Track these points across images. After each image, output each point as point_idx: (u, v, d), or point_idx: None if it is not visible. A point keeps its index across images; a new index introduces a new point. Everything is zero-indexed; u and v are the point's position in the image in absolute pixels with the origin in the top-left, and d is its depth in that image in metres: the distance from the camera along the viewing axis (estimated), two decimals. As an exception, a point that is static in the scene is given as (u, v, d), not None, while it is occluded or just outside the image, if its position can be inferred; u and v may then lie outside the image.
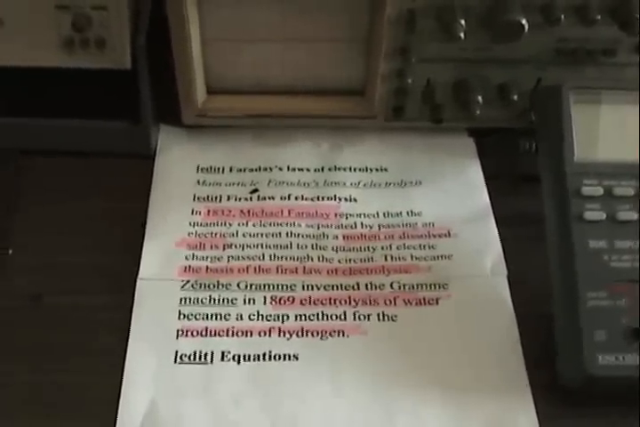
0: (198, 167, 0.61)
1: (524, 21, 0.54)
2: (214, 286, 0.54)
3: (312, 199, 0.59)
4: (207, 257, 0.56)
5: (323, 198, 0.59)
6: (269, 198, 0.59)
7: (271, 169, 0.61)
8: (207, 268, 0.55)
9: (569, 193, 0.52)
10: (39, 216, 0.57)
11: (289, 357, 0.51)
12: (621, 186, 0.52)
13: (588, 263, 0.50)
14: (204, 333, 0.52)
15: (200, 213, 0.58)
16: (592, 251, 0.50)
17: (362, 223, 0.58)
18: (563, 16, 0.55)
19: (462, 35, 0.55)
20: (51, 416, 0.48)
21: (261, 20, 0.57)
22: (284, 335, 0.52)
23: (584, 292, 0.49)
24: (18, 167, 0.60)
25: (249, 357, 0.51)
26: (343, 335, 0.52)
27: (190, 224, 0.57)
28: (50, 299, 0.53)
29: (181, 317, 0.53)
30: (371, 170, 0.61)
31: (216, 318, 0.53)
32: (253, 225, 0.58)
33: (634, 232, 0.51)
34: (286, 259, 0.56)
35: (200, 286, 0.54)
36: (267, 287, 0.54)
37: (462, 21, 0.55)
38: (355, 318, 0.53)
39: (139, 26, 0.56)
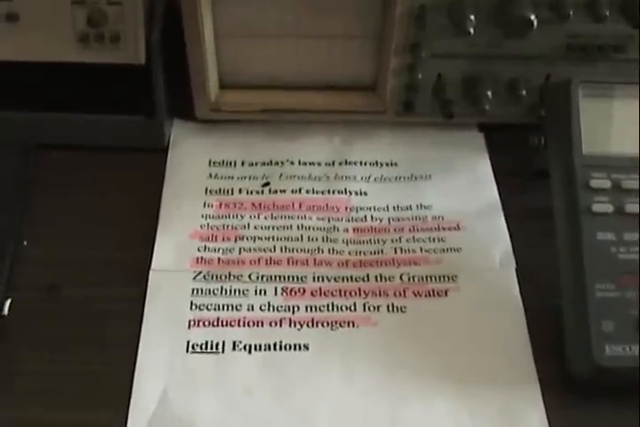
0: (210, 161, 0.62)
1: (533, 17, 0.55)
2: (226, 278, 0.55)
3: (323, 193, 0.60)
4: (219, 249, 0.56)
5: (333, 192, 0.60)
6: (281, 192, 0.60)
7: (283, 163, 0.62)
8: (219, 259, 0.56)
9: (577, 186, 0.52)
10: (54, 209, 0.58)
11: (299, 347, 0.52)
12: (629, 179, 0.52)
13: (597, 255, 0.50)
14: (215, 323, 0.53)
15: (212, 206, 0.59)
16: (600, 243, 0.51)
17: (372, 216, 0.59)
18: (572, 12, 0.55)
19: (472, 30, 0.55)
20: (65, 405, 0.49)
21: (274, 17, 0.58)
22: (295, 326, 0.53)
23: (592, 283, 0.50)
24: (34, 161, 0.61)
25: (260, 347, 0.51)
26: (353, 326, 0.53)
27: (202, 217, 0.58)
28: (65, 290, 0.54)
29: (193, 307, 0.53)
30: (381, 164, 0.62)
31: (227, 309, 0.53)
32: (265, 218, 0.58)
33: (642, 225, 0.51)
34: (297, 251, 0.56)
35: (212, 278, 0.55)
36: (278, 279, 0.55)
37: (472, 17, 0.55)
38: (365, 309, 0.53)
39: (153, 21, 0.57)
